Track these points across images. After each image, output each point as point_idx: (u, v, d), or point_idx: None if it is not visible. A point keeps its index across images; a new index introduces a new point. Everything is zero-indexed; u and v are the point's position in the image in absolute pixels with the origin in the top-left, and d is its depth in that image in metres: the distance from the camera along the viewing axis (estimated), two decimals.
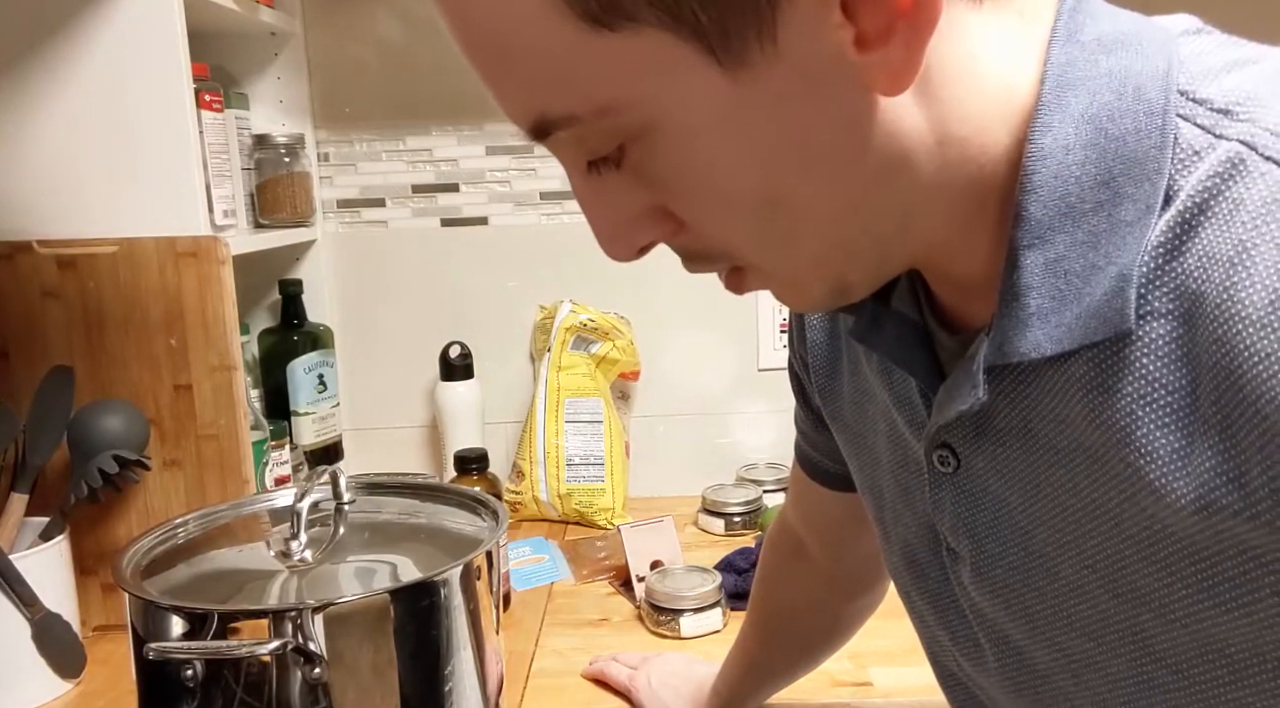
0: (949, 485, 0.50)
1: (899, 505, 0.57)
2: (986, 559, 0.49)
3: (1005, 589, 0.49)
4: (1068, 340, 0.41)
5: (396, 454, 1.53)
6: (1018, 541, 0.47)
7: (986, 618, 0.52)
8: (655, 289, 1.50)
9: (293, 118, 1.44)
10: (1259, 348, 0.35)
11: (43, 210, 1.07)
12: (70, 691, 1.00)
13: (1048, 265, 0.41)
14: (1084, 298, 0.40)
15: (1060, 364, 0.42)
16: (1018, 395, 0.45)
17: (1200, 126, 0.39)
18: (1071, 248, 0.40)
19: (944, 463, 0.49)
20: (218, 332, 1.07)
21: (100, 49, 1.05)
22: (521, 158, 1.48)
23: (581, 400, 1.42)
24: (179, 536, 0.80)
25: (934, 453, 0.50)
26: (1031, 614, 0.48)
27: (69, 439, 1.02)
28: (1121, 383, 0.40)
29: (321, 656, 0.65)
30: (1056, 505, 0.45)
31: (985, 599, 0.51)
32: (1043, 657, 0.49)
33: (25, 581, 0.95)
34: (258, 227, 1.37)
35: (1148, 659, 0.44)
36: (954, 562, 0.52)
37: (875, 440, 0.59)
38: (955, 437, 0.48)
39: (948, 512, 0.51)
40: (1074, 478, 0.43)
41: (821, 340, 0.63)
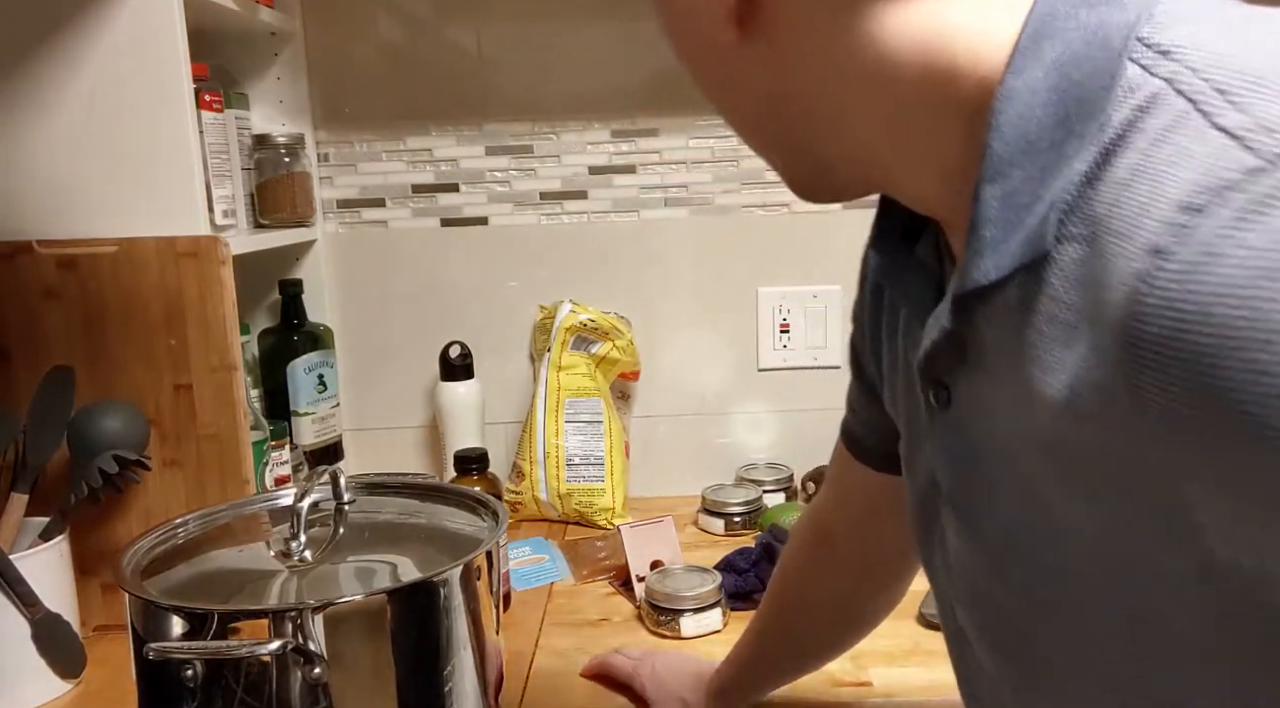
0: (940, 421, 0.52)
1: (913, 455, 0.59)
2: (957, 492, 0.52)
3: (968, 522, 0.52)
4: (1006, 265, 0.43)
5: (396, 454, 1.53)
6: (976, 472, 0.50)
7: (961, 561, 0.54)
8: (655, 289, 1.50)
9: (293, 118, 1.44)
10: (1121, 261, 0.37)
11: (43, 210, 1.07)
12: (70, 691, 1.00)
13: (1003, 198, 0.43)
14: (1025, 226, 0.43)
15: (1001, 290, 0.44)
16: (979, 324, 0.47)
17: (1141, 66, 0.41)
18: (1024, 182, 0.43)
19: (938, 399, 0.51)
20: (218, 332, 1.07)
21: (100, 49, 1.05)
22: (521, 158, 1.48)
23: (581, 400, 1.43)
24: (179, 535, 0.80)
25: (929, 390, 0.52)
26: (988, 550, 0.50)
27: (69, 439, 1.02)
28: (1038, 303, 0.42)
29: (321, 656, 0.65)
30: (1001, 432, 0.47)
31: (957, 538, 0.53)
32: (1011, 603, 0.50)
33: (25, 581, 0.95)
34: (258, 227, 1.37)
35: (1082, 590, 0.45)
36: (941, 502, 0.55)
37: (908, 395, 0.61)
38: (942, 371, 0.50)
39: (937, 448, 0.53)
40: (1011, 404, 0.45)
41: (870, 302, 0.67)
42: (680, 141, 1.47)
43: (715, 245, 1.49)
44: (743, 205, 1.49)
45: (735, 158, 1.47)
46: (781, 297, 1.50)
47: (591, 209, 1.49)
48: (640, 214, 1.49)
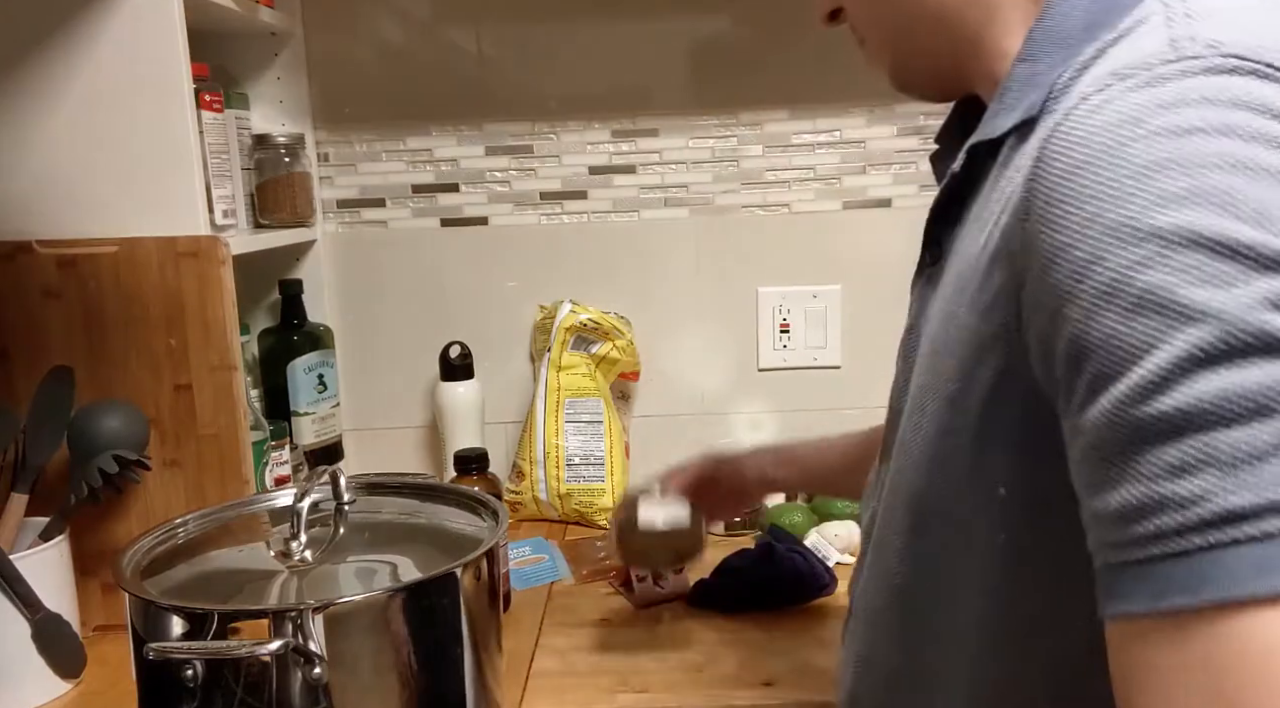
0: (927, 278, 0.62)
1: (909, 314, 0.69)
2: (914, 334, 0.63)
3: (909, 365, 0.62)
4: (1007, 124, 0.54)
5: (396, 454, 1.53)
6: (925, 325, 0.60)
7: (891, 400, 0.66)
8: (655, 289, 1.50)
9: (293, 118, 1.44)
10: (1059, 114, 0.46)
11: (43, 210, 1.07)
12: (70, 691, 1.00)
13: (1027, 75, 0.54)
14: (1027, 99, 0.53)
15: (1001, 146, 0.55)
16: (978, 175, 0.57)
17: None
18: (1048, 67, 0.53)
19: (932, 258, 0.62)
20: (218, 332, 1.07)
21: (100, 49, 1.05)
22: (521, 158, 1.48)
23: (581, 400, 1.43)
24: (179, 535, 0.80)
25: (927, 251, 0.62)
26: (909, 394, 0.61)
27: (69, 439, 1.02)
28: (1013, 162, 0.53)
29: (321, 656, 0.65)
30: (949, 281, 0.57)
31: (899, 374, 0.65)
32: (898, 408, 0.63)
33: (25, 581, 0.95)
34: (258, 227, 1.37)
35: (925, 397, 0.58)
36: (906, 338, 0.65)
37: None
38: (940, 229, 0.61)
39: (918, 294, 0.63)
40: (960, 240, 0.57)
41: None
42: (680, 141, 1.47)
43: (715, 245, 1.49)
44: (743, 205, 1.49)
45: (735, 158, 1.47)
46: (781, 297, 1.50)
47: (591, 209, 1.49)
48: (640, 214, 1.49)
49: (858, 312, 1.50)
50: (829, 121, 1.46)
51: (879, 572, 0.64)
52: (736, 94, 1.46)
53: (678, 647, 1.05)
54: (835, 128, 1.46)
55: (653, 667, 1.01)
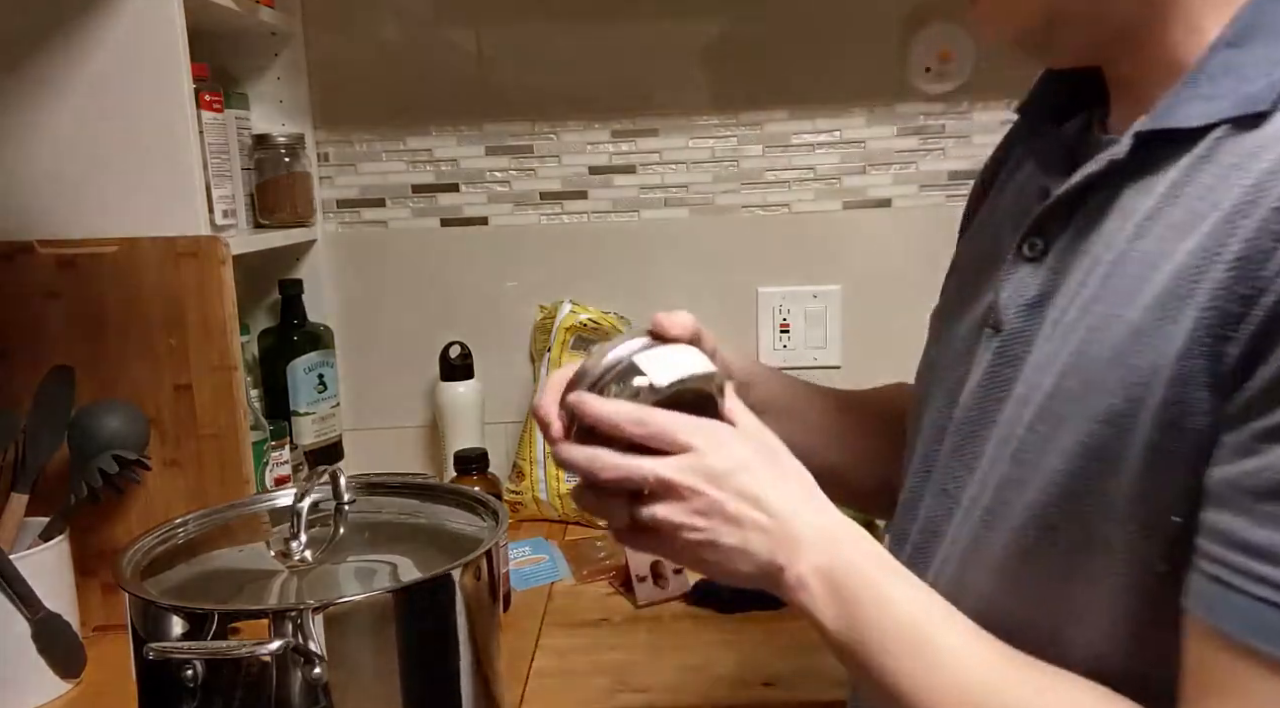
0: (1026, 267, 0.59)
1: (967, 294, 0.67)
2: (1013, 332, 0.58)
3: (1011, 355, 0.58)
4: (1214, 115, 0.50)
5: (396, 454, 1.53)
6: (1039, 315, 0.57)
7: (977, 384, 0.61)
8: (655, 289, 1.50)
9: (293, 118, 1.44)
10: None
11: (43, 210, 1.07)
12: (70, 691, 1.00)
13: (1237, 65, 0.50)
14: (1247, 89, 0.49)
15: (1195, 138, 0.51)
16: (1146, 164, 0.53)
17: None
18: (1261, 59, 0.50)
19: (1032, 249, 0.58)
20: (218, 332, 1.07)
21: (100, 49, 1.05)
22: (521, 158, 1.48)
23: None
24: (179, 535, 0.80)
25: (1026, 241, 0.59)
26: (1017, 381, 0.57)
27: (69, 439, 1.02)
28: (1228, 154, 0.49)
29: (321, 656, 0.65)
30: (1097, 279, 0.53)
31: (992, 369, 0.60)
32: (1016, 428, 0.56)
33: (25, 581, 0.95)
34: (258, 227, 1.37)
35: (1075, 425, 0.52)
36: (987, 339, 0.61)
37: (989, 240, 0.68)
38: (1052, 223, 0.58)
39: (1010, 289, 0.59)
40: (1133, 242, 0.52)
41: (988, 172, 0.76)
42: (680, 141, 1.47)
43: (715, 245, 1.49)
44: (743, 205, 1.49)
45: (735, 158, 1.47)
46: (781, 297, 1.50)
47: (591, 209, 1.49)
48: (640, 214, 1.49)
49: (858, 312, 1.50)
50: (829, 121, 1.46)
51: (955, 590, 0.57)
52: (736, 94, 1.46)
53: (678, 647, 1.05)
54: (835, 128, 1.46)
55: (653, 667, 1.01)
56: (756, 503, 0.57)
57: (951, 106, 1.44)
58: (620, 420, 0.58)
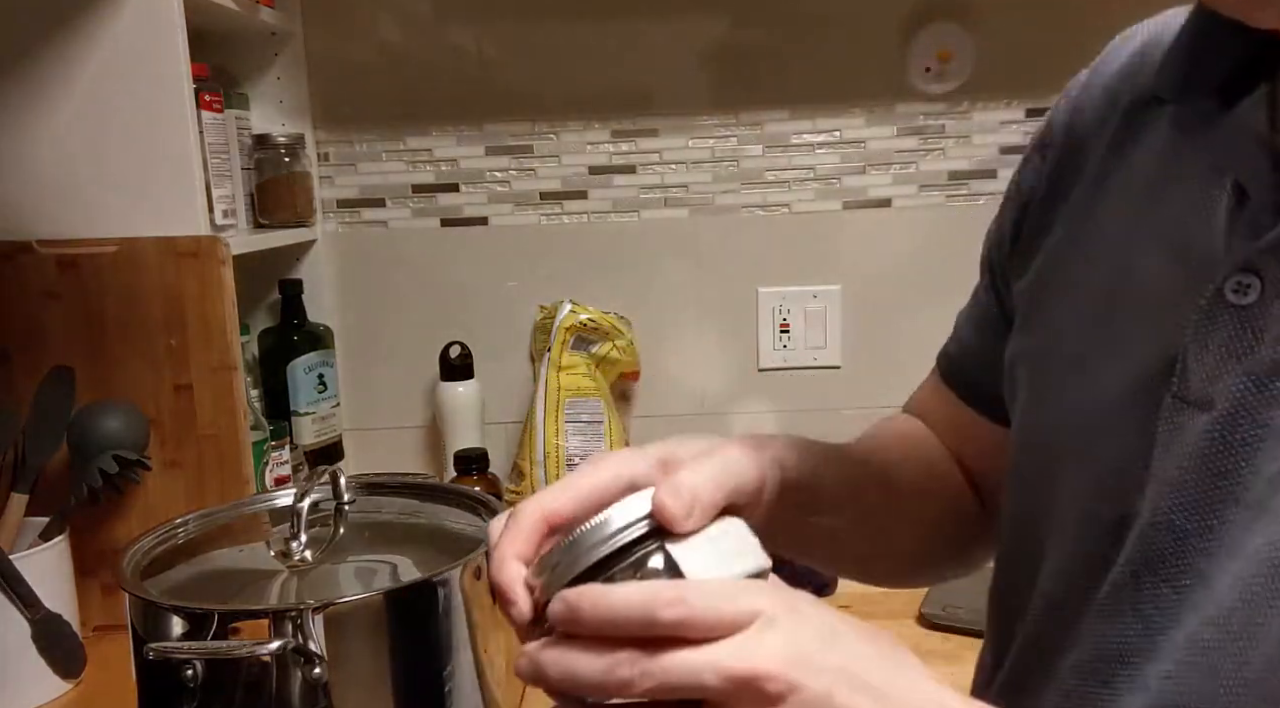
0: (1234, 318, 0.43)
1: (1102, 346, 0.50)
2: (1260, 401, 0.43)
3: (1262, 435, 0.42)
4: None
5: (396, 454, 1.53)
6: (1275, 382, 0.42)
7: (1180, 479, 0.45)
8: (655, 289, 1.50)
9: (293, 118, 1.44)
10: None
11: (43, 210, 1.07)
12: (70, 691, 1.00)
13: None
14: None
15: None
16: None
17: None
18: None
19: (1240, 292, 0.43)
20: (218, 332, 1.07)
21: (100, 49, 1.05)
22: (521, 158, 1.48)
23: (581, 401, 1.42)
24: (179, 535, 0.80)
25: (1231, 278, 0.43)
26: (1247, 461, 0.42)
27: (69, 439, 1.02)
28: None
29: (321, 656, 0.65)
30: None
31: (1205, 459, 0.44)
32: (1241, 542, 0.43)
33: (25, 581, 0.95)
34: (258, 227, 1.37)
35: None
36: (1179, 412, 0.45)
37: (1100, 277, 0.52)
38: (1279, 261, 0.42)
39: (1217, 347, 0.44)
40: None
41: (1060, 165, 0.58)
42: (680, 141, 1.47)
43: (715, 245, 1.49)
44: (743, 205, 1.49)
45: (735, 158, 1.47)
46: (781, 297, 1.50)
47: (591, 209, 1.49)
48: (640, 214, 1.49)
49: (857, 312, 1.50)
50: (829, 121, 1.46)
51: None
52: (736, 94, 1.46)
53: None
54: (835, 128, 1.46)
55: None
56: (871, 692, 0.38)
57: (951, 106, 1.44)
58: (648, 602, 0.38)
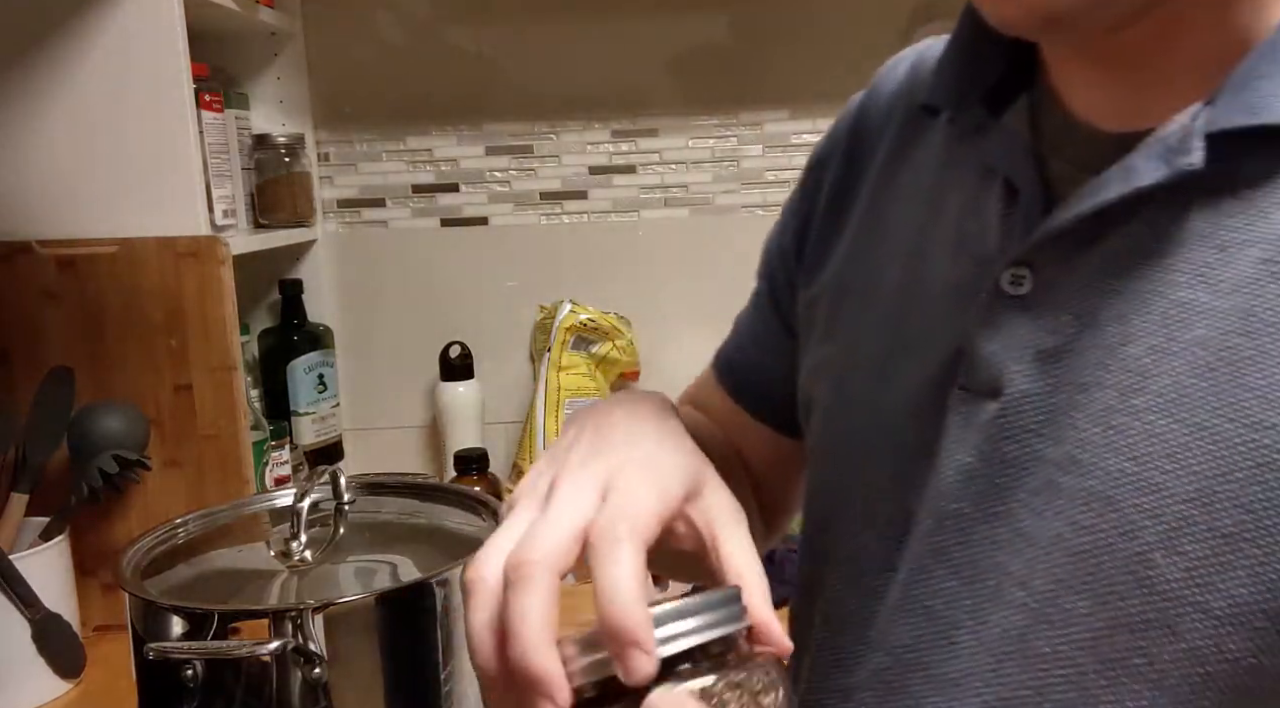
0: (1012, 308, 0.45)
1: (893, 348, 0.52)
2: (1041, 387, 0.44)
3: (1045, 420, 0.44)
4: None
5: (396, 454, 1.53)
6: (1102, 370, 0.42)
7: (970, 467, 0.46)
8: (655, 289, 1.50)
9: (293, 118, 1.44)
10: None
11: (43, 210, 1.07)
12: (70, 691, 1.00)
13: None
14: None
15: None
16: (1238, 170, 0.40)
17: None
18: None
19: (1016, 283, 0.45)
20: (218, 332, 1.07)
21: (100, 49, 1.05)
22: (521, 158, 1.48)
23: (582, 401, 1.42)
24: (179, 535, 0.80)
25: (1007, 272, 0.45)
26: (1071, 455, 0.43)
27: (69, 439, 1.02)
28: None
29: (321, 656, 0.65)
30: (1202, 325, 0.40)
31: (992, 444, 0.45)
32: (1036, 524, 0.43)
33: (25, 581, 0.95)
34: (258, 227, 1.37)
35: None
36: (967, 402, 0.46)
37: (892, 279, 0.53)
38: (1051, 253, 0.44)
39: (997, 338, 0.45)
40: (1266, 284, 0.39)
41: (840, 177, 0.61)
42: (680, 141, 1.47)
43: (715, 245, 1.49)
44: (743, 205, 1.49)
45: (735, 158, 1.47)
46: None
47: (591, 209, 1.49)
48: (640, 214, 1.49)
49: None
50: (829, 121, 1.45)
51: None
52: (736, 94, 1.46)
53: None
54: None
55: None
56: None
57: None
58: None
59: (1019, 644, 0.43)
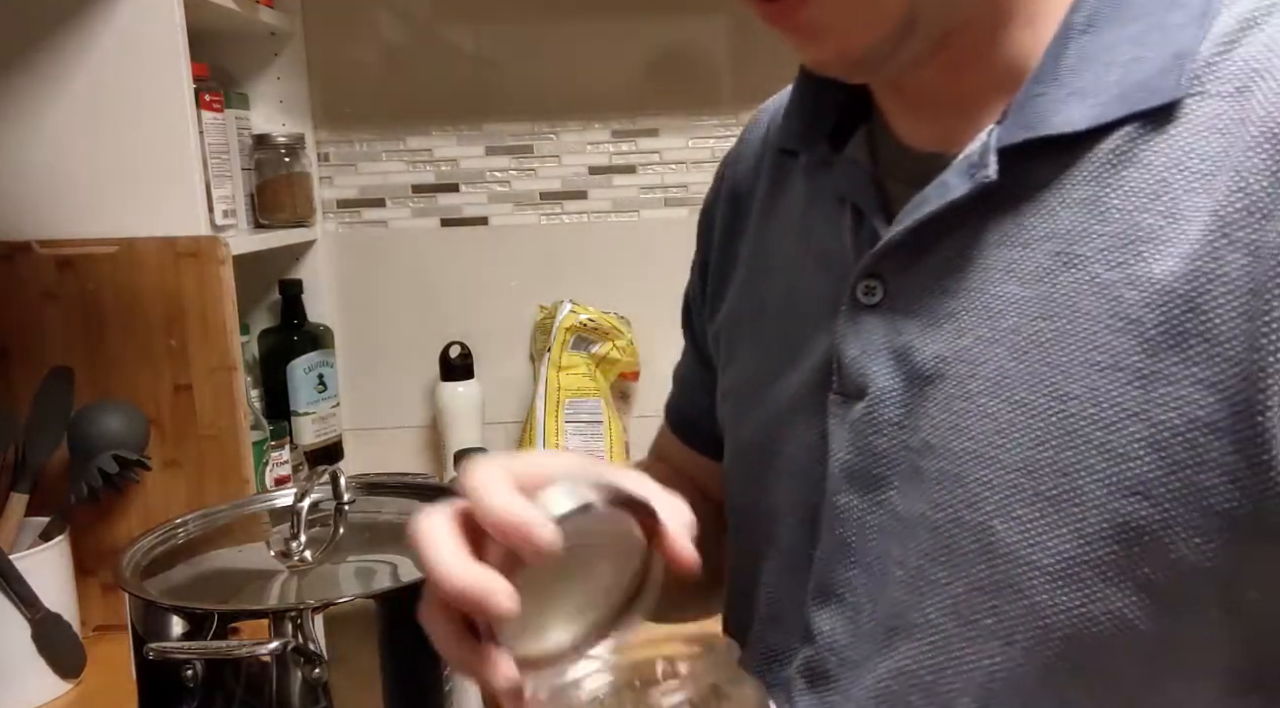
0: (868, 315, 0.50)
1: (779, 363, 0.57)
2: (896, 383, 0.49)
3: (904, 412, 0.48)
4: (1108, 113, 0.43)
5: (396, 454, 1.53)
6: (942, 362, 0.47)
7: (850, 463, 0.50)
8: (655, 289, 1.50)
9: (293, 118, 1.44)
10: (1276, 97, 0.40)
11: (43, 210, 1.07)
12: (70, 691, 1.00)
13: (1095, 52, 0.44)
14: (1130, 78, 0.43)
15: (1090, 141, 0.44)
16: (1029, 177, 0.45)
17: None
18: (1119, 42, 0.44)
19: (869, 294, 0.50)
20: (218, 332, 1.07)
21: (100, 49, 1.05)
22: (521, 158, 1.48)
23: (581, 401, 1.43)
24: (179, 535, 0.80)
25: (860, 284, 0.50)
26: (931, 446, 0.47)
27: (69, 439, 1.02)
28: (1155, 154, 0.43)
29: (321, 656, 0.65)
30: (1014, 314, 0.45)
31: (864, 440, 0.50)
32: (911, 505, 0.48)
33: (25, 581, 0.95)
34: (258, 227, 1.37)
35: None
36: (840, 405, 0.51)
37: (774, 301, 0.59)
38: (891, 263, 0.49)
39: (858, 344, 0.50)
40: (1059, 273, 0.44)
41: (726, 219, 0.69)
42: (680, 141, 1.47)
43: None
44: None
45: None
46: None
47: (591, 209, 1.49)
48: (640, 214, 1.49)
49: None
50: None
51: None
52: (736, 94, 1.46)
53: None
54: None
55: None
56: None
57: None
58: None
59: (901, 620, 0.48)
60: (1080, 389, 0.43)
